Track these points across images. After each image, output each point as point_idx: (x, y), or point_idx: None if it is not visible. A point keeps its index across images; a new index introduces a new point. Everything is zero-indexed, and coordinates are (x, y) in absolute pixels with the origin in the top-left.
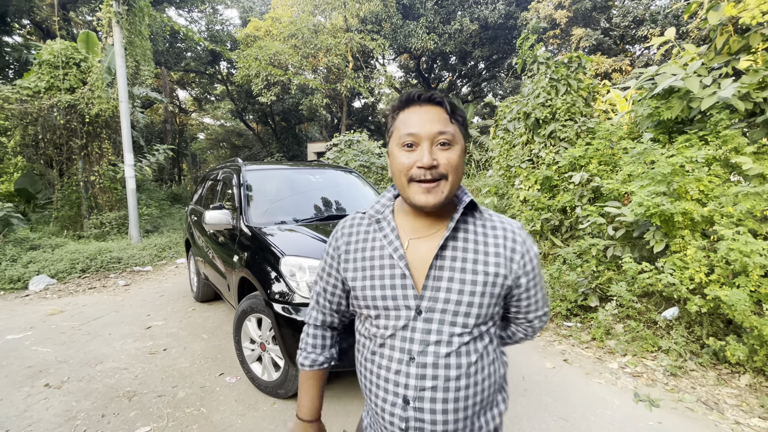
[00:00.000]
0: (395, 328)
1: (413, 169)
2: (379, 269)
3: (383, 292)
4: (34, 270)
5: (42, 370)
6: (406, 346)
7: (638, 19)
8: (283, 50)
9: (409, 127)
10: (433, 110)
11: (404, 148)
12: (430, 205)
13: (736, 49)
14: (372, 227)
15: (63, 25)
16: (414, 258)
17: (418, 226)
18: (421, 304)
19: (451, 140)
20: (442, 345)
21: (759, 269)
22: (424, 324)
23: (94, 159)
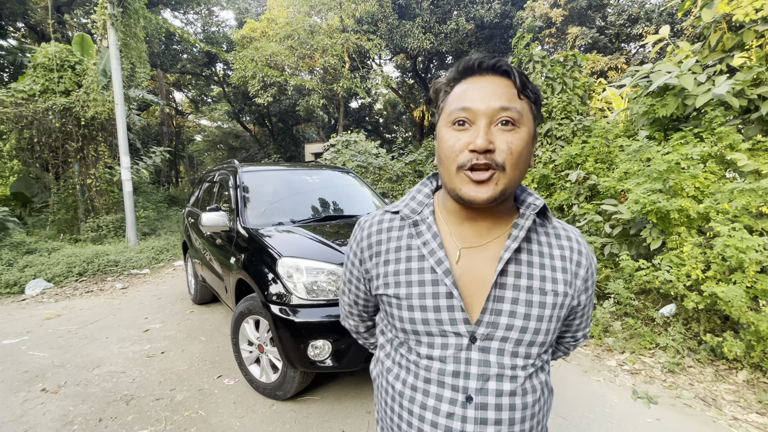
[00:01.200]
0: (443, 360)
1: (464, 153)
2: (419, 285)
3: (424, 315)
4: (30, 274)
5: (39, 375)
6: (460, 382)
7: (633, 17)
8: (279, 51)
9: (463, 100)
10: (496, 81)
11: (454, 127)
12: (480, 201)
13: (730, 46)
14: (407, 230)
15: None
16: (465, 273)
17: (469, 231)
18: (476, 331)
19: (517, 120)
20: (505, 380)
21: (755, 265)
22: (480, 354)
23: (91, 162)
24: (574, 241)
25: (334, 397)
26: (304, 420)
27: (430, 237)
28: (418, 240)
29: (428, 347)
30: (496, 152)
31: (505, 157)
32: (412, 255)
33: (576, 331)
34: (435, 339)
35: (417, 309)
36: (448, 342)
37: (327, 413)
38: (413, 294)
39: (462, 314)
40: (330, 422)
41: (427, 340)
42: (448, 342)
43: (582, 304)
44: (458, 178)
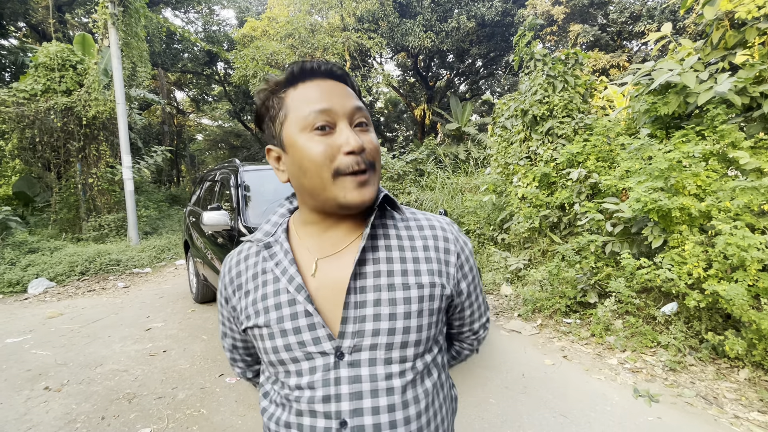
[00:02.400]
0: (311, 386)
1: (340, 157)
2: (275, 309)
3: (285, 340)
4: (33, 273)
5: (42, 373)
6: (332, 407)
7: (635, 14)
8: (280, 50)
9: (316, 102)
10: (336, 85)
11: (316, 133)
12: (365, 203)
13: (733, 43)
14: (260, 255)
15: (59, 28)
16: (324, 284)
17: (327, 241)
18: (342, 344)
19: (367, 120)
20: (381, 395)
21: (757, 263)
22: (350, 370)
23: (92, 161)
24: (438, 229)
25: None
26: None
27: (282, 255)
28: (271, 262)
29: (296, 376)
30: (367, 151)
31: (374, 157)
32: (267, 279)
33: (471, 323)
34: (302, 365)
35: (278, 335)
36: (315, 365)
37: None
38: (271, 320)
39: (324, 330)
40: None
41: (294, 368)
42: (315, 365)
43: (465, 292)
44: (338, 185)
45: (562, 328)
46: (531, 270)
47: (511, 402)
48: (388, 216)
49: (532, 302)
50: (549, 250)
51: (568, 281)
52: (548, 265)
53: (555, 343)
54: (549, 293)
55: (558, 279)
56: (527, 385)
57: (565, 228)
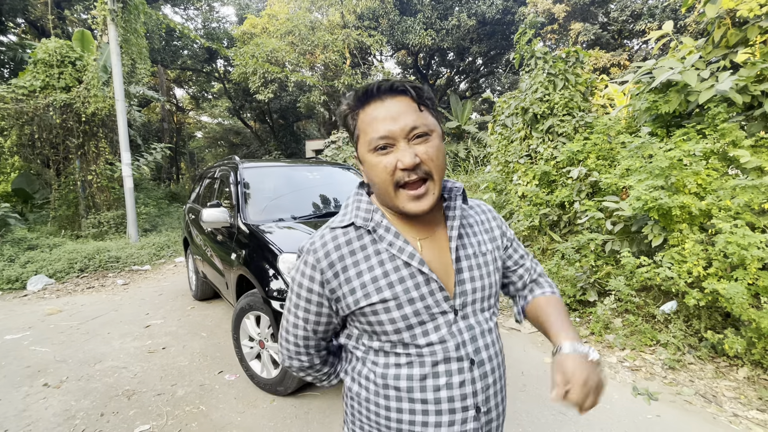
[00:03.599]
0: (443, 340)
1: (397, 173)
2: (400, 283)
3: (414, 307)
4: (32, 270)
5: (41, 370)
6: (462, 352)
7: (636, 13)
8: (280, 47)
9: (377, 128)
10: (398, 102)
11: (378, 152)
12: (422, 212)
13: (734, 42)
14: (367, 238)
15: (58, 24)
16: (430, 259)
17: (417, 225)
18: (455, 304)
19: (428, 131)
20: (486, 334)
21: (757, 262)
22: (464, 322)
23: (91, 158)
24: (485, 209)
25: (334, 393)
26: (304, 416)
27: (393, 237)
28: (382, 243)
29: (424, 336)
30: (423, 162)
31: (430, 166)
32: (383, 258)
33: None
34: (428, 326)
35: (406, 304)
36: (439, 323)
37: (328, 409)
38: (398, 292)
39: (441, 293)
40: (330, 417)
41: (421, 330)
42: (438, 323)
43: (509, 236)
44: (399, 197)
45: None
46: None
47: (511, 400)
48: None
49: None
50: (549, 249)
51: (568, 279)
52: (548, 263)
53: None
54: None
55: (558, 277)
56: (526, 383)
57: (565, 226)
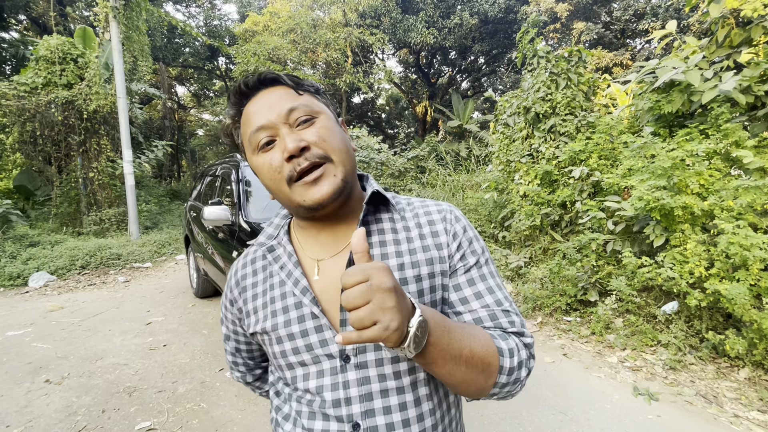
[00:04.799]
0: (319, 391)
1: (285, 166)
2: (283, 313)
3: (293, 344)
4: (33, 267)
5: (42, 366)
6: (343, 411)
7: (639, 12)
8: (281, 45)
9: (252, 122)
10: (272, 92)
11: (262, 150)
12: (327, 197)
13: (738, 41)
14: (268, 258)
15: (60, 21)
16: (328, 286)
17: (326, 240)
18: (345, 347)
19: (311, 112)
20: (392, 395)
21: (759, 263)
22: (358, 373)
23: (93, 155)
24: (434, 213)
25: None
26: None
27: (286, 258)
28: (276, 265)
29: (304, 380)
30: (311, 147)
31: (324, 148)
32: (273, 282)
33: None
34: (309, 368)
35: (286, 339)
36: (323, 368)
37: None
38: (279, 324)
39: (331, 332)
40: None
41: (302, 372)
42: (322, 368)
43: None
44: (295, 192)
45: (562, 326)
46: (532, 268)
47: (511, 399)
48: (382, 210)
49: (532, 300)
50: (550, 248)
51: (569, 279)
52: (549, 263)
53: (555, 340)
54: (549, 291)
55: (559, 277)
56: (527, 383)
57: (567, 226)
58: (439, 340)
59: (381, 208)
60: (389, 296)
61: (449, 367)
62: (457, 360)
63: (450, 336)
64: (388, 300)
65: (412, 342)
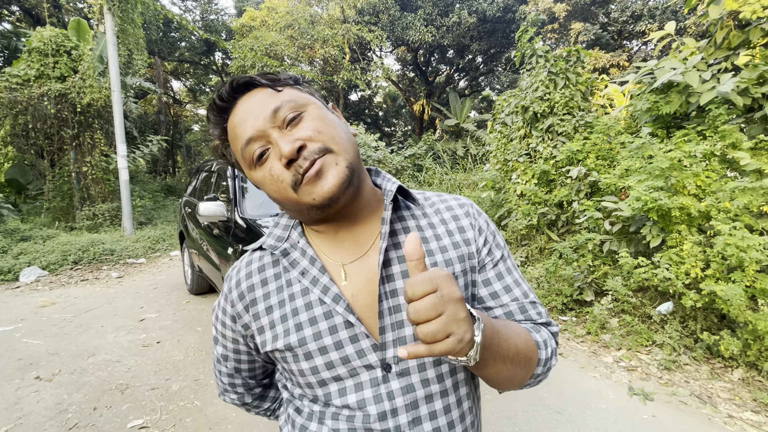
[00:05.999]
0: (362, 405)
1: (285, 173)
2: (310, 325)
3: (326, 358)
4: (25, 261)
5: (33, 363)
6: (390, 424)
7: (636, 14)
8: (279, 41)
9: (239, 137)
10: (250, 97)
11: (259, 164)
12: (335, 188)
13: (736, 43)
14: (281, 265)
15: (53, 12)
16: (360, 290)
17: (347, 242)
18: (386, 356)
19: (296, 107)
20: (436, 399)
21: (755, 264)
22: (401, 381)
23: (86, 149)
24: (456, 208)
25: None
26: None
27: (308, 263)
28: (295, 271)
29: (340, 396)
30: (308, 144)
31: (321, 140)
32: (294, 292)
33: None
34: (345, 383)
35: (317, 354)
36: (361, 380)
37: None
38: (306, 338)
39: (368, 341)
40: None
41: (337, 388)
42: (361, 380)
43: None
44: (303, 194)
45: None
46: (528, 267)
47: (507, 399)
48: (403, 207)
49: None
50: (546, 248)
51: (565, 279)
52: (545, 262)
53: None
54: (546, 290)
55: (555, 276)
56: None
57: (563, 226)
58: (491, 343)
59: (401, 204)
60: (461, 307)
61: (497, 367)
62: (504, 359)
63: (499, 337)
64: (461, 311)
65: (477, 350)
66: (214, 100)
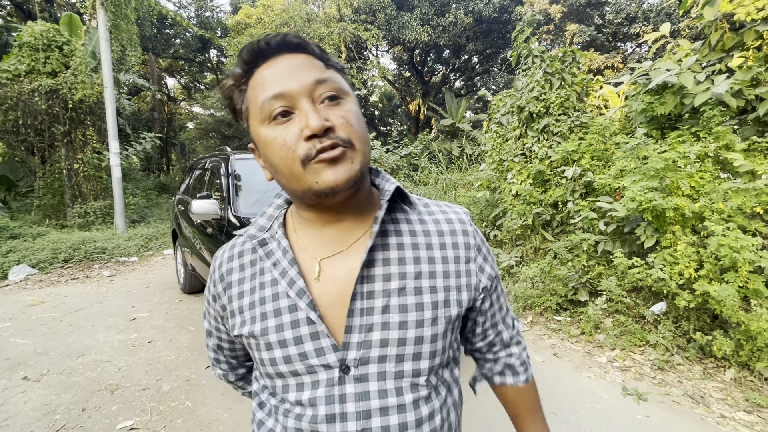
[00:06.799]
0: (313, 403)
1: (301, 144)
2: (274, 316)
3: (285, 351)
4: (14, 259)
5: (20, 363)
6: (337, 428)
7: (631, 16)
8: None
9: (269, 87)
10: (295, 58)
11: (275, 122)
12: (342, 183)
13: (730, 45)
14: (258, 252)
15: (45, 7)
16: (329, 289)
17: (330, 237)
18: (346, 357)
19: (339, 90)
20: (392, 413)
21: (748, 265)
22: (357, 386)
23: (78, 146)
24: (456, 223)
25: None
26: None
27: (281, 254)
28: (268, 261)
29: (296, 391)
30: (336, 128)
31: (349, 133)
32: (264, 281)
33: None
34: (302, 378)
35: (276, 346)
36: (318, 379)
37: None
38: (269, 328)
39: (328, 340)
40: None
41: (294, 382)
42: (318, 379)
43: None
44: (309, 171)
45: (552, 326)
46: (523, 267)
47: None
48: (398, 209)
49: (523, 299)
50: (541, 248)
51: (560, 279)
52: (540, 262)
53: (545, 340)
54: (540, 291)
55: (549, 276)
56: None
57: (558, 226)
58: None
59: (396, 206)
60: None
61: None
62: None
63: None
64: None
65: None
66: (259, 41)
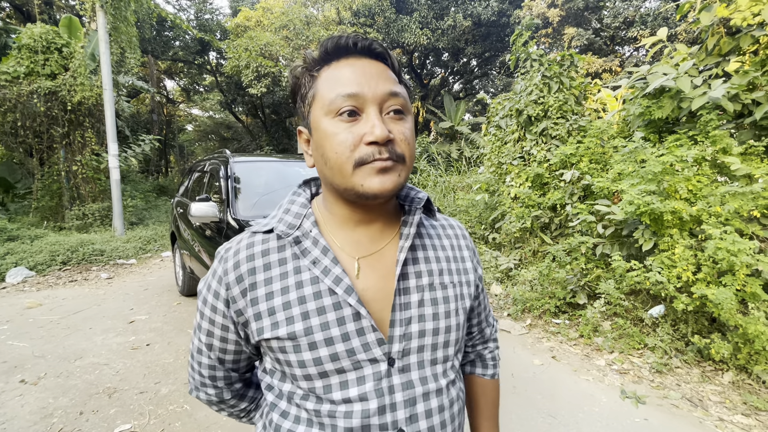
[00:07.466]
0: (364, 398)
1: (361, 148)
2: (317, 314)
3: (331, 349)
4: (11, 262)
5: (18, 366)
6: (388, 418)
7: (629, 20)
8: (274, 41)
9: (345, 85)
10: (374, 64)
11: (341, 118)
12: (387, 192)
13: (727, 50)
14: (289, 251)
15: (44, 9)
16: (370, 286)
17: (363, 237)
18: (391, 350)
19: (404, 107)
20: (432, 397)
21: (745, 268)
22: (402, 377)
23: (77, 148)
24: (456, 228)
25: None
26: None
27: (320, 253)
28: (305, 260)
29: (341, 389)
30: (396, 142)
31: (404, 149)
32: (302, 279)
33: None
34: (347, 375)
35: (322, 344)
36: (364, 374)
37: None
38: (313, 327)
39: (374, 335)
40: None
41: (338, 380)
42: (364, 374)
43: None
44: (358, 174)
45: (551, 329)
46: (521, 270)
47: (501, 401)
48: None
49: (521, 302)
50: (540, 251)
51: (558, 282)
52: (539, 265)
53: (544, 343)
54: (539, 293)
55: (548, 279)
56: (516, 385)
57: (557, 229)
58: None
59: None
60: None
61: None
62: None
63: None
64: None
65: None
66: (348, 39)
